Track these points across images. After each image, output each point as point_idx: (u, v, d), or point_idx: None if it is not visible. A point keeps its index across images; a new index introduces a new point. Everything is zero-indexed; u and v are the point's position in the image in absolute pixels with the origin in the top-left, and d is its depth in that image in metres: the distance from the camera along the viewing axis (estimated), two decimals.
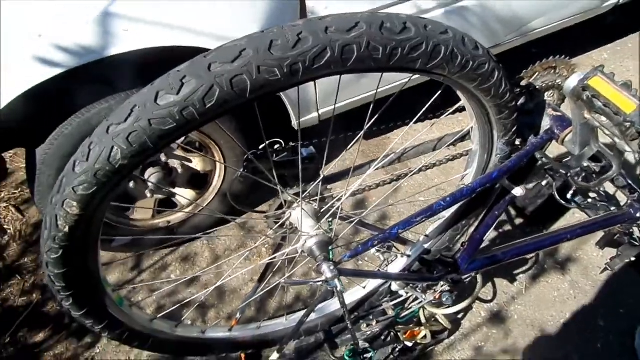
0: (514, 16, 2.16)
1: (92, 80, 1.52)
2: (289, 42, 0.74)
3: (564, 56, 1.12)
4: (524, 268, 2.00)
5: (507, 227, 2.10)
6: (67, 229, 0.79)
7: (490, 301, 1.92)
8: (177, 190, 1.94)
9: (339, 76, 0.81)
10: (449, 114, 1.16)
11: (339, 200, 1.12)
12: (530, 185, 1.49)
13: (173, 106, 0.72)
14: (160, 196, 1.93)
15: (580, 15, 2.42)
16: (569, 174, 1.08)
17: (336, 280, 1.03)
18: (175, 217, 1.97)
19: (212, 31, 1.50)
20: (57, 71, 1.39)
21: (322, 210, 1.12)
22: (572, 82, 0.92)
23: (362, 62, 0.79)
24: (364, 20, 0.77)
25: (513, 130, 1.07)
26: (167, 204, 2.01)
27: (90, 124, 1.56)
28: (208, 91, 0.72)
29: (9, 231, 2.06)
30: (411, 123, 1.10)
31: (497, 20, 2.10)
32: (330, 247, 1.09)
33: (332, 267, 1.02)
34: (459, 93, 0.99)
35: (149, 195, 1.86)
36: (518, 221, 2.12)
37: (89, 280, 0.93)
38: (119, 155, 0.74)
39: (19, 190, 2.24)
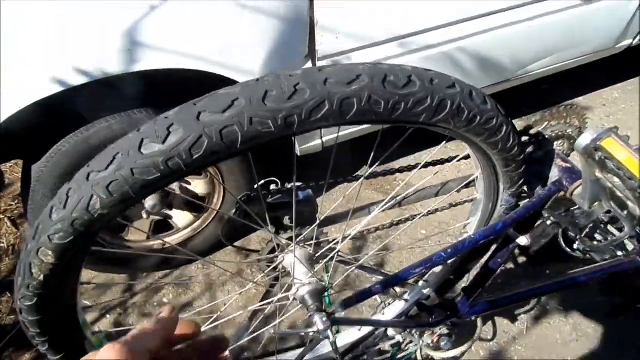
0: (523, 54, 2.12)
1: (94, 99, 1.49)
2: (284, 93, 0.69)
3: (574, 105, 1.07)
4: (526, 308, 1.94)
5: (509, 265, 2.05)
6: (41, 278, 0.74)
7: (490, 340, 1.86)
8: (173, 212, 1.90)
9: None
10: (455, 161, 1.11)
11: (336, 244, 1.07)
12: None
13: (158, 156, 0.67)
14: (156, 217, 1.89)
15: (592, 55, 2.37)
16: (577, 236, 1.03)
17: (329, 331, 0.98)
18: (171, 240, 1.93)
19: (213, 57, 1.48)
20: (60, 88, 1.37)
21: (317, 255, 1.07)
22: (584, 140, 0.87)
23: (363, 115, 0.74)
24: (366, 72, 0.72)
25: (520, 182, 1.02)
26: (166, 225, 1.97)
27: (88, 142, 1.53)
28: (196, 142, 0.67)
29: (1, 245, 2.02)
30: (415, 171, 1.05)
31: (506, 57, 2.06)
32: (325, 294, 1.04)
33: (324, 319, 0.97)
34: (464, 144, 0.95)
35: (144, 216, 1.82)
36: (521, 259, 2.06)
37: (67, 326, 0.89)
38: (98, 204, 0.69)
39: (16, 202, 2.19)
